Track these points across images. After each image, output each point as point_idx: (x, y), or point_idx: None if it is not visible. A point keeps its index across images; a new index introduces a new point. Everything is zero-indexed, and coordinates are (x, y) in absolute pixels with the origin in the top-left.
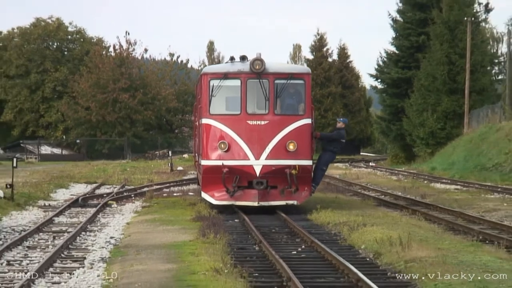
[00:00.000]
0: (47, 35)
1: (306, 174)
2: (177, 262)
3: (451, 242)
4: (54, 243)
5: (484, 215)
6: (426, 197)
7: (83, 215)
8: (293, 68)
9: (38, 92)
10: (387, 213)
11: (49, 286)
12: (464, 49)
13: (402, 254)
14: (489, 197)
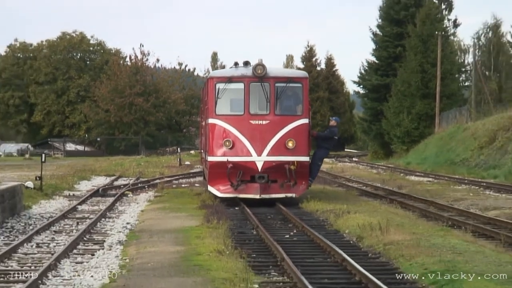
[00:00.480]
0: (72, 47)
1: (303, 169)
2: (184, 244)
3: (424, 227)
4: (78, 228)
5: (452, 203)
6: (402, 188)
7: (103, 204)
8: (292, 72)
9: (64, 97)
10: (368, 202)
11: (73, 266)
12: (435, 59)
13: (381, 237)
14: (457, 188)
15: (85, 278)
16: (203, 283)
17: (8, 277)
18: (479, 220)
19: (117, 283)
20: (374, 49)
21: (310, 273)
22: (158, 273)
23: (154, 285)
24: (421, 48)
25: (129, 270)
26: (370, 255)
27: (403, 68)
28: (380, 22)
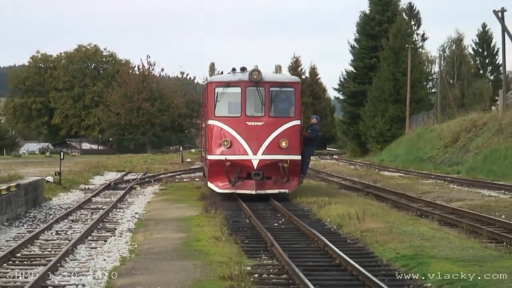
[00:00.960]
0: (87, 58)
1: (296, 167)
2: (186, 231)
3: (396, 216)
4: (92, 217)
5: (421, 196)
6: (377, 182)
7: (114, 196)
8: (285, 77)
9: (80, 102)
10: (347, 194)
11: (88, 251)
12: (405, 69)
13: (358, 226)
14: (425, 182)
15: (98, 262)
16: (202, 266)
17: (31, 261)
18: (444, 210)
19: (126, 266)
20: (352, 60)
21: (296, 257)
22: (163, 257)
23: (159, 268)
24: (393, 59)
25: (137, 254)
26: (349, 241)
27: (377, 77)
28: (357, 36)
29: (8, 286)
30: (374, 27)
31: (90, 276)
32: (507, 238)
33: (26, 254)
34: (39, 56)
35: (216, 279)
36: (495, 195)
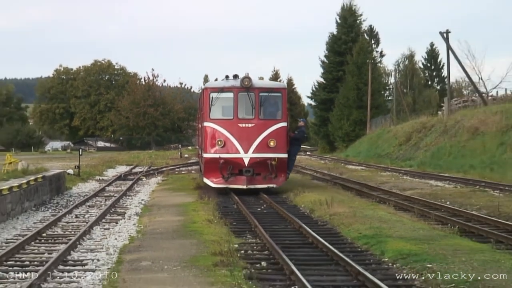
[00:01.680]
0: (102, 70)
1: (282, 164)
2: (184, 215)
3: (359, 202)
4: (106, 203)
5: (379, 185)
6: (343, 174)
7: (124, 185)
8: (273, 84)
9: (95, 107)
10: (318, 184)
11: (103, 231)
12: (367, 80)
13: (328, 210)
14: (383, 174)
15: (111, 240)
16: (197, 244)
17: (55, 240)
18: (399, 197)
19: (134, 244)
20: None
21: (276, 236)
22: (165, 236)
23: (161, 245)
24: (356, 72)
25: (143, 234)
26: (319, 223)
27: (343, 87)
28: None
29: (35, 260)
30: (340, 45)
31: (103, 252)
32: (451, 220)
33: (50, 234)
34: (61, 69)
35: (209, 255)
36: (441, 185)
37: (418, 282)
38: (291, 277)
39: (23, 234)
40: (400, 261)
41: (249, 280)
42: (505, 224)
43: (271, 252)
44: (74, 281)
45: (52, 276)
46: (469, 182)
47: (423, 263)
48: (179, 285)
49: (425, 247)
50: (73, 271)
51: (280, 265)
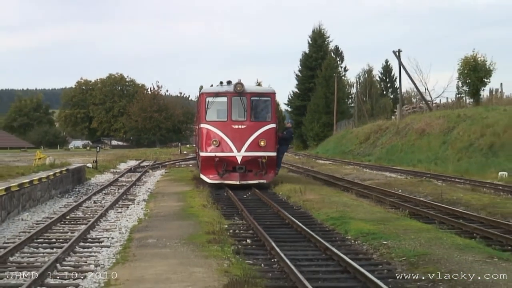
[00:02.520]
0: (115, 82)
1: (272, 162)
2: (183, 201)
3: (327, 190)
4: (119, 191)
5: (344, 176)
6: (314, 167)
7: (134, 176)
8: (263, 89)
9: (110, 112)
10: (294, 176)
11: (116, 214)
12: (333, 90)
13: (301, 197)
14: (347, 167)
15: (122, 222)
16: (194, 225)
17: (76, 221)
18: (360, 186)
19: (142, 224)
20: (296, 84)
21: (258, 219)
22: (167, 218)
23: (164, 225)
24: (325, 84)
25: (149, 216)
26: (294, 208)
27: (314, 96)
28: (300, 68)
29: (61, 238)
30: (311, 62)
31: (117, 232)
32: (402, 205)
33: (73, 216)
34: (82, 81)
35: (203, 234)
36: (394, 176)
37: (376, 255)
38: (271, 252)
39: (51, 217)
40: (361, 238)
41: (236, 254)
42: (446, 208)
43: (254, 232)
44: (92, 255)
45: (74, 252)
46: (417, 174)
47: (379, 240)
48: (179, 258)
49: (381, 227)
50: (92, 247)
51: (262, 242)
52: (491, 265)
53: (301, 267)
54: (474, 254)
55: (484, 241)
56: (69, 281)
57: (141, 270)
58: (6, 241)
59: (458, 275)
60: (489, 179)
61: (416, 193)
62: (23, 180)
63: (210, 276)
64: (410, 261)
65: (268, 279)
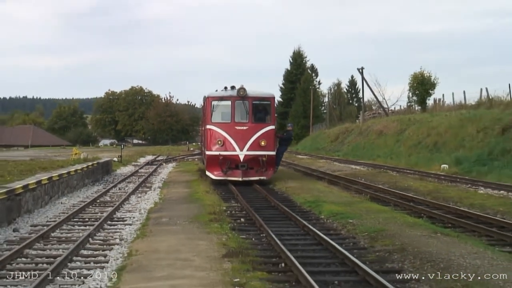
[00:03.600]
0: (136, 93)
1: (271, 160)
2: (190, 188)
3: (305, 180)
4: (139, 180)
5: (318, 168)
6: (294, 161)
7: (151, 168)
8: (264, 93)
9: (132, 117)
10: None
11: (136, 199)
12: (309, 100)
13: (284, 184)
14: (320, 161)
15: (142, 204)
16: (198, 207)
17: (105, 204)
18: (331, 176)
19: (157, 206)
20: (280, 94)
21: (250, 202)
22: (177, 202)
23: (175, 207)
24: (303, 94)
25: (163, 200)
26: (279, 193)
27: (294, 104)
28: (283, 81)
29: (92, 218)
30: (292, 77)
31: (137, 212)
32: (364, 191)
33: (102, 200)
34: (110, 92)
35: (206, 213)
36: (358, 168)
37: (343, 231)
38: (260, 228)
39: (84, 201)
40: (332, 218)
41: (232, 231)
42: (399, 194)
43: (247, 212)
44: (118, 231)
45: (103, 228)
46: (376, 166)
47: (346, 219)
48: (187, 233)
49: (347, 208)
50: (117, 225)
51: (253, 220)
52: (435, 239)
53: (284, 241)
54: (421, 230)
55: (429, 219)
56: (99, 252)
57: (156, 243)
58: (48, 220)
59: (409, 246)
60: (433, 170)
61: (375, 181)
62: (62, 171)
63: (211, 248)
64: (371, 235)
65: (258, 250)
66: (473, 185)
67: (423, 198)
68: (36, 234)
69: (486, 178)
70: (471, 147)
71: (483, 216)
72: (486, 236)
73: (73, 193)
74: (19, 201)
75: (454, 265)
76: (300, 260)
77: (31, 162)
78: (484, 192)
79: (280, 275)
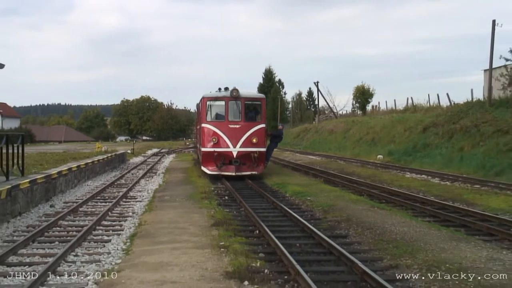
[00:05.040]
0: (144, 101)
1: (262, 156)
2: (186, 173)
3: (287, 173)
4: (147, 167)
5: (284, 158)
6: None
7: (156, 158)
8: (255, 94)
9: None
10: None
11: (145, 181)
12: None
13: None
14: (286, 153)
15: (149, 186)
16: (192, 188)
17: (121, 186)
18: (294, 164)
19: (161, 187)
20: None
21: (232, 184)
22: (176, 184)
23: (175, 188)
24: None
25: (165, 183)
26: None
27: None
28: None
29: (111, 197)
30: (264, 89)
31: (145, 192)
32: (319, 175)
33: (118, 183)
34: (124, 100)
35: (199, 193)
36: (315, 158)
37: (303, 206)
38: (240, 204)
39: (105, 183)
40: (294, 196)
41: (219, 206)
42: (346, 177)
43: (230, 192)
44: (131, 206)
45: (120, 204)
46: (328, 157)
47: (306, 196)
48: (184, 208)
49: (307, 189)
50: (130, 201)
51: (234, 198)
52: (373, 212)
53: (258, 213)
54: (363, 205)
55: (368, 197)
56: (116, 222)
57: (160, 215)
58: (77, 198)
59: (353, 217)
60: (371, 159)
61: (328, 168)
62: (88, 161)
63: (203, 219)
64: (324, 209)
65: (238, 220)
66: (401, 171)
67: (364, 180)
68: (68, 209)
69: (411, 166)
70: (400, 142)
71: (409, 194)
72: (412, 209)
73: (96, 177)
74: (55, 183)
75: (387, 231)
76: (270, 228)
77: (63, 153)
78: (410, 176)
79: (255, 240)
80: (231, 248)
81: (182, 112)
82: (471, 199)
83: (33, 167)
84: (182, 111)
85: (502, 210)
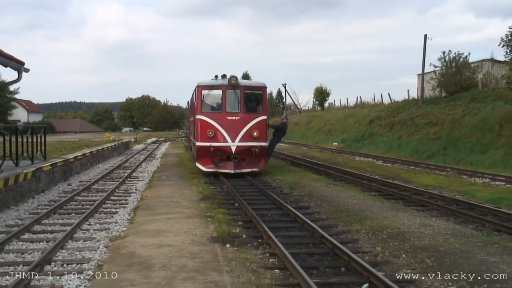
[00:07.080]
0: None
1: (263, 151)
2: (179, 157)
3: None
4: (147, 153)
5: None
6: None
7: (155, 145)
8: (256, 83)
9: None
10: None
11: (146, 164)
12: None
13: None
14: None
15: (148, 168)
16: (184, 169)
17: (126, 168)
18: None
19: (158, 169)
20: None
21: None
22: (171, 166)
23: (170, 169)
24: None
25: (162, 165)
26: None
27: None
28: None
29: (118, 177)
30: None
31: (146, 173)
32: (286, 159)
33: (123, 165)
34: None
35: (189, 174)
36: (283, 145)
37: (274, 184)
38: (223, 182)
39: (112, 166)
40: (267, 175)
41: (206, 184)
42: (308, 160)
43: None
44: (134, 184)
45: (125, 183)
46: (294, 144)
47: (276, 176)
48: (177, 186)
49: (277, 169)
50: (133, 180)
51: (219, 177)
52: (330, 188)
53: (237, 190)
54: (321, 183)
55: (326, 176)
56: (122, 197)
57: (158, 191)
58: (90, 178)
59: (314, 192)
60: (328, 146)
61: (293, 153)
62: (99, 148)
63: (193, 194)
64: (291, 186)
65: (221, 195)
66: (352, 155)
67: (322, 163)
68: (83, 187)
69: (360, 151)
70: (351, 132)
71: (358, 173)
72: (360, 185)
73: (105, 161)
74: (71, 166)
75: (341, 203)
76: (247, 201)
77: (79, 142)
78: (359, 159)
79: (235, 211)
80: (215, 217)
81: (176, 108)
82: (408, 177)
83: (54, 153)
84: (175, 107)
85: (432, 186)
